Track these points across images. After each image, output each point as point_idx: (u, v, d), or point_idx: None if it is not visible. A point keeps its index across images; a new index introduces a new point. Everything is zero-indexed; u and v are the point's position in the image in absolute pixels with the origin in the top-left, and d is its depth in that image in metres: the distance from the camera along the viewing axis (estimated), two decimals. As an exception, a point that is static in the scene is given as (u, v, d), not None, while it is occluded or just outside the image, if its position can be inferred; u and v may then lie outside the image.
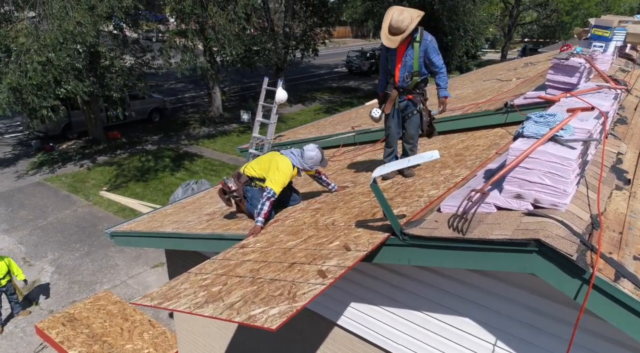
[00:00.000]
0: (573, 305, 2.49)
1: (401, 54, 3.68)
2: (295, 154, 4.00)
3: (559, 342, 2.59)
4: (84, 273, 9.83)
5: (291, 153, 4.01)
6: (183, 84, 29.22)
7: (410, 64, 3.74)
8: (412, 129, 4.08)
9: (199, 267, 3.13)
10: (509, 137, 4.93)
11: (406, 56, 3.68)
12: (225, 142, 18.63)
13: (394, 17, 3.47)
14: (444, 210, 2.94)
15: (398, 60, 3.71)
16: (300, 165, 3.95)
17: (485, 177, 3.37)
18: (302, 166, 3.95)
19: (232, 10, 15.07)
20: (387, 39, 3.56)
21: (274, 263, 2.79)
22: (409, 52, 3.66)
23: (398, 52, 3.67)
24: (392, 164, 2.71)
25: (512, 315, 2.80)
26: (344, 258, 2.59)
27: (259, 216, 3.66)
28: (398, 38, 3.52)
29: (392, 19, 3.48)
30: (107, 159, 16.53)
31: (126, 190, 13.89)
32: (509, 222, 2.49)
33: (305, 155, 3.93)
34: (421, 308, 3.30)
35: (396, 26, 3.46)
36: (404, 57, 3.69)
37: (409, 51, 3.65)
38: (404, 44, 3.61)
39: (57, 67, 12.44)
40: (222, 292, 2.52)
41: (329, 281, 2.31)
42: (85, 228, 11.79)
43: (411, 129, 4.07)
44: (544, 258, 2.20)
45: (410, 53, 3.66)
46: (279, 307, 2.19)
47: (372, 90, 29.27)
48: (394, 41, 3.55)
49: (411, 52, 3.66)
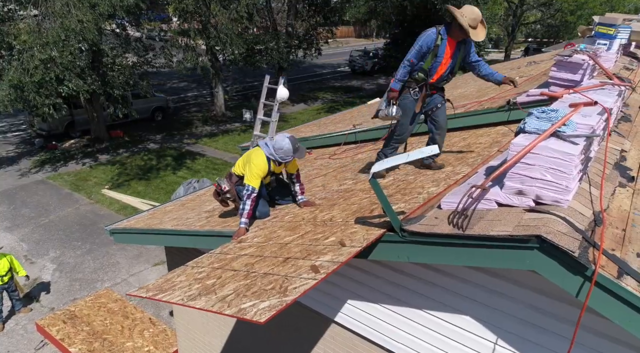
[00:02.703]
0: (574, 303, 2.45)
1: (449, 53, 3.62)
2: (268, 144, 3.77)
3: (561, 340, 2.54)
4: (85, 271, 9.82)
5: (265, 144, 3.78)
6: (186, 83, 29.26)
7: (454, 64, 3.71)
8: (443, 119, 4.01)
9: (196, 260, 3.10)
10: (511, 134, 4.88)
11: (454, 56, 3.64)
12: (227, 141, 18.62)
13: (474, 11, 3.44)
14: (444, 207, 2.89)
15: (446, 60, 3.64)
16: (272, 156, 3.70)
17: (486, 173, 3.32)
18: (274, 157, 3.70)
19: (234, 9, 15.05)
20: (475, 35, 3.49)
21: (269, 258, 2.76)
22: (457, 52, 3.62)
23: (446, 52, 3.61)
24: (391, 159, 2.67)
25: (513, 313, 2.75)
26: (338, 254, 2.55)
27: (242, 217, 3.52)
28: (482, 29, 3.50)
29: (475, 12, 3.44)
30: (109, 158, 16.55)
31: (128, 189, 13.90)
32: (509, 218, 2.45)
33: (275, 146, 3.69)
34: (421, 306, 3.26)
35: (479, 17, 3.44)
36: (452, 57, 3.64)
37: (457, 51, 3.61)
38: (453, 44, 3.58)
39: (59, 65, 12.46)
40: (215, 285, 2.49)
41: (321, 276, 2.28)
42: (87, 226, 11.80)
43: (442, 119, 4.00)
44: (545, 255, 2.16)
45: (457, 53, 3.63)
46: (269, 300, 2.16)
47: (375, 89, 29.21)
48: (481, 33, 3.51)
49: (458, 52, 3.63)
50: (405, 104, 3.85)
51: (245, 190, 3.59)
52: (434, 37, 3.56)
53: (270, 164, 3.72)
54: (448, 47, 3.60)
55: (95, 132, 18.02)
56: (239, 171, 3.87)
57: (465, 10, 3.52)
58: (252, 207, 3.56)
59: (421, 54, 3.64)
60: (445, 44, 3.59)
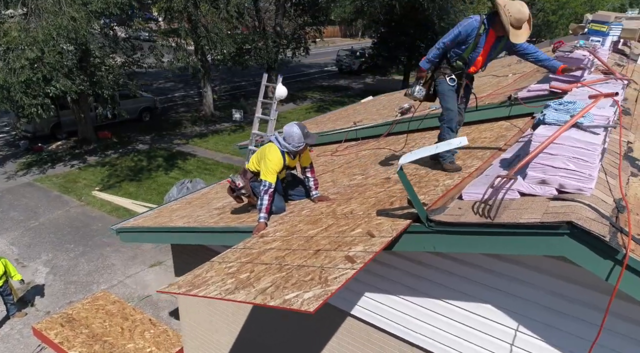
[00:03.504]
0: (598, 288, 2.53)
1: (489, 45, 3.53)
2: (279, 138, 3.77)
3: (587, 326, 2.62)
4: (79, 273, 9.67)
5: (276, 139, 3.79)
6: (172, 83, 28.96)
7: (492, 57, 3.65)
8: (462, 111, 4.03)
9: (221, 255, 3.10)
10: (514, 129, 4.99)
11: (493, 48, 3.57)
12: (217, 140, 18.52)
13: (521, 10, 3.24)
14: (465, 198, 2.96)
15: (485, 51, 3.56)
16: (285, 147, 3.71)
17: (502, 166, 3.40)
18: (287, 148, 3.71)
19: (224, 8, 14.98)
20: (516, 36, 3.31)
21: (299, 251, 2.78)
22: (496, 44, 3.53)
23: (486, 43, 3.50)
24: (419, 151, 2.71)
25: (536, 300, 2.83)
26: (370, 244, 2.59)
27: (260, 212, 3.55)
28: (526, 31, 3.34)
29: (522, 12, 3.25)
30: (98, 159, 16.31)
31: (119, 190, 13.71)
32: (535, 206, 2.52)
33: (285, 135, 3.70)
34: (441, 296, 3.32)
35: (525, 19, 3.27)
36: (491, 49, 3.56)
37: (496, 44, 3.52)
38: (493, 37, 3.46)
39: (46, 65, 12.23)
40: (250, 279, 2.50)
41: (359, 265, 2.32)
42: (79, 228, 11.61)
43: (463, 112, 4.02)
44: (575, 241, 2.23)
45: (496, 46, 3.54)
46: (312, 291, 2.18)
47: (363, 88, 29.35)
48: (523, 35, 3.35)
49: (497, 45, 3.53)
50: (442, 88, 3.71)
51: (262, 186, 3.61)
52: (475, 26, 3.43)
53: (285, 157, 3.74)
54: (489, 38, 3.47)
55: (83, 133, 17.73)
56: (254, 167, 3.88)
57: (511, 7, 3.29)
58: (270, 202, 3.58)
59: (458, 40, 3.50)
60: (487, 35, 3.45)
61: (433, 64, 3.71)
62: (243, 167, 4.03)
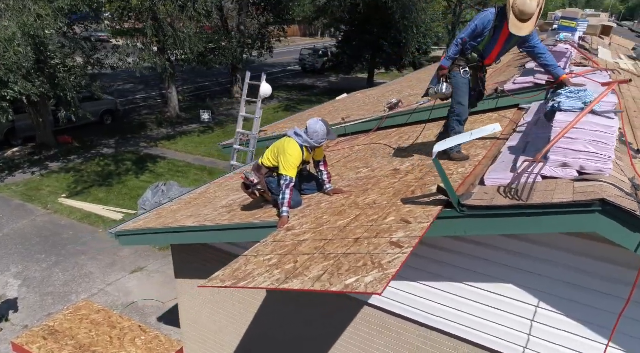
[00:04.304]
0: (619, 263, 2.75)
1: (504, 37, 3.60)
2: (299, 133, 3.81)
3: (611, 299, 2.82)
4: (55, 284, 9.23)
5: (295, 134, 3.82)
6: (132, 85, 28.03)
7: (506, 49, 3.72)
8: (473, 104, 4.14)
9: (253, 250, 3.09)
10: (504, 120, 5.23)
11: (508, 41, 3.63)
12: (187, 142, 18.12)
13: (526, 3, 3.33)
14: (488, 183, 3.11)
15: (500, 42, 3.64)
16: (307, 143, 3.75)
17: (513, 152, 3.59)
18: (309, 143, 3.75)
19: (191, 7, 14.68)
20: (517, 28, 3.40)
21: (337, 240, 2.83)
22: (511, 37, 3.58)
23: (501, 36, 3.58)
24: (452, 139, 2.83)
25: (558, 277, 3.02)
26: (411, 230, 2.68)
27: (283, 206, 3.59)
28: (530, 24, 3.41)
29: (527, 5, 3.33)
30: (61, 165, 15.55)
31: (88, 196, 13.16)
32: (561, 188, 2.70)
33: (309, 130, 3.75)
34: (461, 279, 3.47)
35: (530, 12, 3.34)
36: (506, 41, 3.63)
37: (511, 37, 3.57)
38: (507, 29, 3.48)
39: (1, 67, 11.54)
40: (298, 269, 2.53)
41: (408, 249, 2.40)
42: (49, 238, 11.06)
43: (473, 104, 4.14)
44: (606, 217, 2.41)
45: (511, 39, 3.60)
46: (371, 275, 2.24)
47: (328, 87, 29.55)
48: (525, 28, 3.41)
49: (512, 38, 3.60)
50: (456, 81, 3.80)
51: (282, 181, 3.63)
52: (491, 18, 3.54)
53: (304, 151, 3.77)
54: (504, 31, 3.55)
55: (41, 138, 16.85)
56: (269, 163, 3.88)
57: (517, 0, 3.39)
58: (291, 196, 3.61)
59: (476, 34, 3.61)
60: (503, 28, 3.54)
61: (454, 60, 3.80)
62: (256, 163, 4.03)
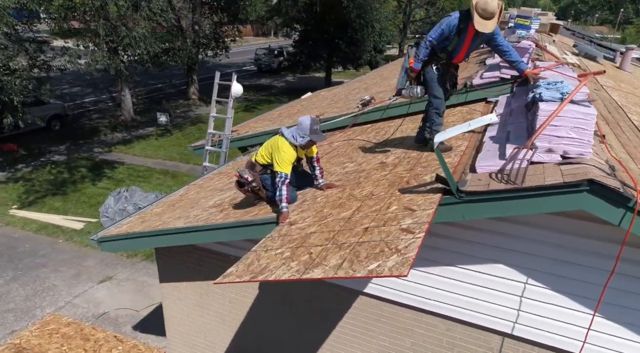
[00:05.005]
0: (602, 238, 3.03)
1: (470, 37, 3.88)
2: (289, 129, 3.90)
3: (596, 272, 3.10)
4: (15, 300, 8.71)
5: (286, 131, 3.88)
6: (79, 88, 26.73)
7: (473, 48, 4.01)
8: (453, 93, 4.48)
9: (261, 245, 3.12)
10: (475, 113, 5.53)
11: (474, 40, 3.91)
12: (144, 146, 17.55)
13: (487, 1, 3.62)
14: (480, 171, 3.32)
15: (466, 43, 3.92)
16: (295, 139, 3.81)
17: (496, 141, 3.83)
18: (297, 139, 3.80)
19: (146, 7, 14.23)
20: (481, 25, 3.68)
21: (346, 231, 2.93)
22: (476, 37, 3.87)
23: (467, 36, 3.86)
24: (452, 129, 3.00)
25: (545, 254, 3.28)
26: (417, 217, 2.83)
27: (282, 202, 3.65)
28: (492, 22, 3.69)
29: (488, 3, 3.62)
30: (7, 175, 14.62)
31: (43, 206, 12.46)
32: (549, 171, 2.94)
33: (298, 126, 3.83)
34: (454, 263, 3.67)
35: (491, 10, 3.63)
36: (472, 41, 3.91)
37: (476, 36, 3.86)
38: (473, 30, 3.77)
39: None
40: (314, 260, 2.60)
41: (421, 233, 2.54)
42: (2, 252, 10.39)
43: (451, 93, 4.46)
44: (592, 195, 2.66)
45: (476, 38, 3.89)
46: (391, 259, 2.35)
47: (285, 87, 29.55)
48: (489, 25, 3.69)
49: (477, 38, 3.88)
50: (430, 77, 4.09)
51: (278, 177, 3.68)
52: (456, 23, 3.83)
53: (297, 149, 3.84)
54: (469, 32, 3.85)
55: (-17, 147, 15.77)
56: (263, 160, 3.92)
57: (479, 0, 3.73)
58: (288, 191, 3.67)
59: (443, 37, 3.91)
60: (468, 30, 3.84)
61: (424, 62, 4.08)
62: (249, 161, 4.05)
